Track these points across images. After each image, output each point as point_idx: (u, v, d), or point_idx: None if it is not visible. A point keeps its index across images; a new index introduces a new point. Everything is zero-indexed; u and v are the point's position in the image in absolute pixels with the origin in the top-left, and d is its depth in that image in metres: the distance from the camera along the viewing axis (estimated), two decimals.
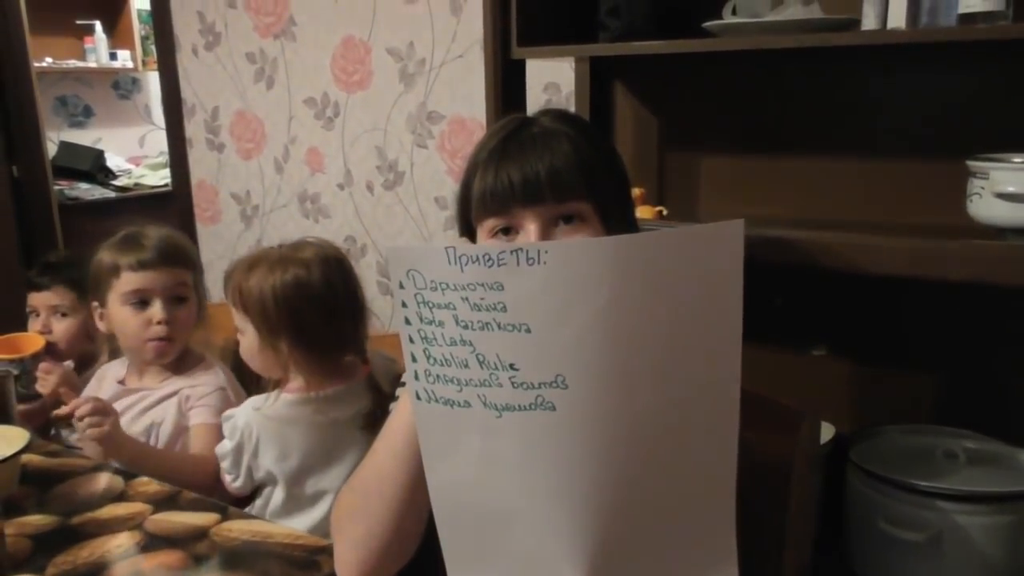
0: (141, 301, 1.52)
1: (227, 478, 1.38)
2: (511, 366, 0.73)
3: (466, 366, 0.74)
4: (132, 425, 1.51)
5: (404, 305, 0.76)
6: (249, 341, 1.39)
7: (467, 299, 0.73)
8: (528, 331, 0.72)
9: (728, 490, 0.78)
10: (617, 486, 0.75)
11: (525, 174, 0.89)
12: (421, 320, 0.75)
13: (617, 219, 0.95)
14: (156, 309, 1.52)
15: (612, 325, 0.71)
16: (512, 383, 0.73)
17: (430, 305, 0.74)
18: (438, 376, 0.76)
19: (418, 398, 0.78)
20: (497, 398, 0.74)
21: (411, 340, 0.77)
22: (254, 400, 1.39)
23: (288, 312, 1.35)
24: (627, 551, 0.78)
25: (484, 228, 0.94)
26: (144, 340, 1.53)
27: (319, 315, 1.35)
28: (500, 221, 0.92)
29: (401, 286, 0.75)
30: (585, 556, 0.76)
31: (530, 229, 0.90)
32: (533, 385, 0.73)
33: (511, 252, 0.70)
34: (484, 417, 0.75)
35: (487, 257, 0.71)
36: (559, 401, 0.72)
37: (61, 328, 1.76)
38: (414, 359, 0.77)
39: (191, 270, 1.57)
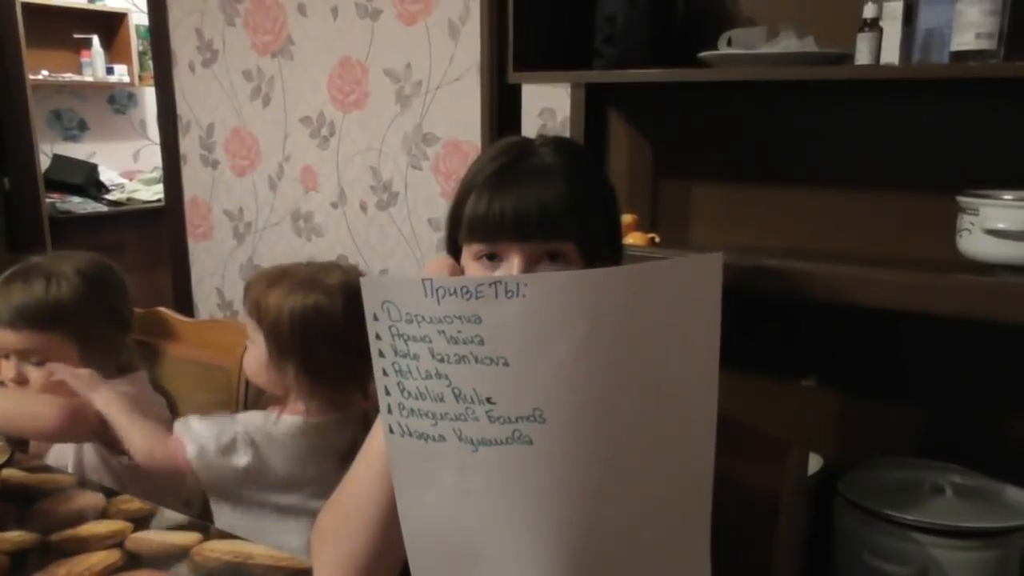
0: (5, 355, 1.45)
1: (190, 449, 1.29)
2: (488, 400, 0.72)
3: (441, 400, 0.73)
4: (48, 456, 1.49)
5: (378, 337, 0.75)
6: (257, 354, 1.37)
7: (443, 332, 0.72)
8: (506, 364, 0.71)
9: (703, 522, 0.78)
10: (593, 521, 0.74)
11: (517, 209, 0.88)
12: (395, 353, 0.74)
13: (603, 261, 0.94)
14: (9, 365, 1.44)
15: (591, 358, 0.70)
16: (489, 417, 0.72)
17: (405, 338, 0.73)
18: (412, 410, 0.75)
19: (391, 432, 0.77)
20: (473, 432, 0.73)
21: (385, 373, 0.76)
22: (253, 416, 1.37)
23: (301, 338, 1.31)
24: None
25: (470, 251, 0.93)
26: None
27: (332, 347, 1.31)
28: (486, 248, 0.92)
29: (375, 318, 0.74)
30: None
31: (514, 262, 0.89)
32: (510, 419, 0.72)
33: (489, 284, 0.69)
34: (459, 451, 0.74)
35: (465, 290, 0.70)
36: (536, 435, 0.72)
37: None
38: (388, 392, 0.76)
39: (55, 332, 1.43)
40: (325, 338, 1.30)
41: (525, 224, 0.89)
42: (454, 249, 0.98)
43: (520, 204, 0.89)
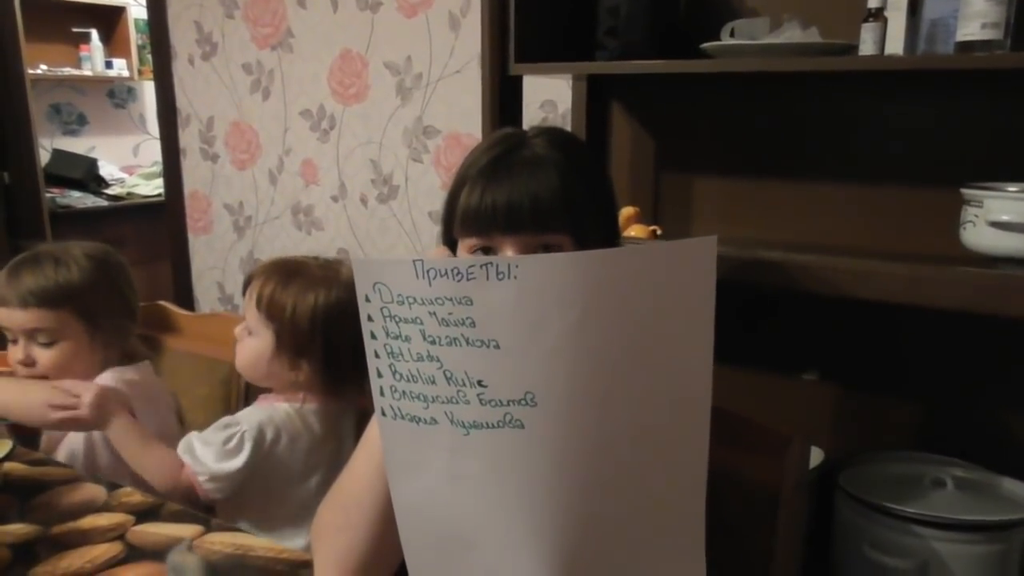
0: (13, 338, 1.46)
1: (199, 478, 1.32)
2: (479, 383, 0.72)
3: (433, 382, 0.73)
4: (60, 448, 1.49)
5: (370, 319, 0.75)
6: (259, 347, 1.36)
7: (435, 314, 0.71)
8: (497, 347, 0.70)
9: (698, 507, 0.77)
10: (585, 505, 0.74)
11: (509, 201, 0.88)
12: (387, 335, 0.74)
13: None
14: (16, 348, 1.46)
15: (583, 341, 0.70)
16: (480, 400, 0.72)
17: (396, 319, 0.73)
18: (404, 392, 0.75)
19: (383, 415, 0.77)
20: (465, 415, 0.73)
21: (376, 355, 0.76)
22: (254, 411, 1.37)
23: (323, 334, 1.32)
24: (594, 571, 0.77)
25: (465, 244, 0.93)
26: (20, 375, 1.47)
27: (354, 342, 1.33)
28: (480, 241, 0.91)
29: (367, 299, 0.74)
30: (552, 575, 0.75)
31: (507, 254, 0.89)
32: (502, 402, 0.71)
33: (480, 266, 0.69)
34: (451, 435, 0.74)
35: (456, 271, 0.69)
36: (528, 419, 0.71)
37: None
38: (380, 375, 0.76)
39: (64, 310, 1.44)
40: (348, 333, 1.29)
41: (517, 216, 0.88)
42: (450, 242, 0.97)
43: (512, 196, 0.88)
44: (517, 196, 0.88)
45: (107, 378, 1.46)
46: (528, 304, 0.69)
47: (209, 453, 1.31)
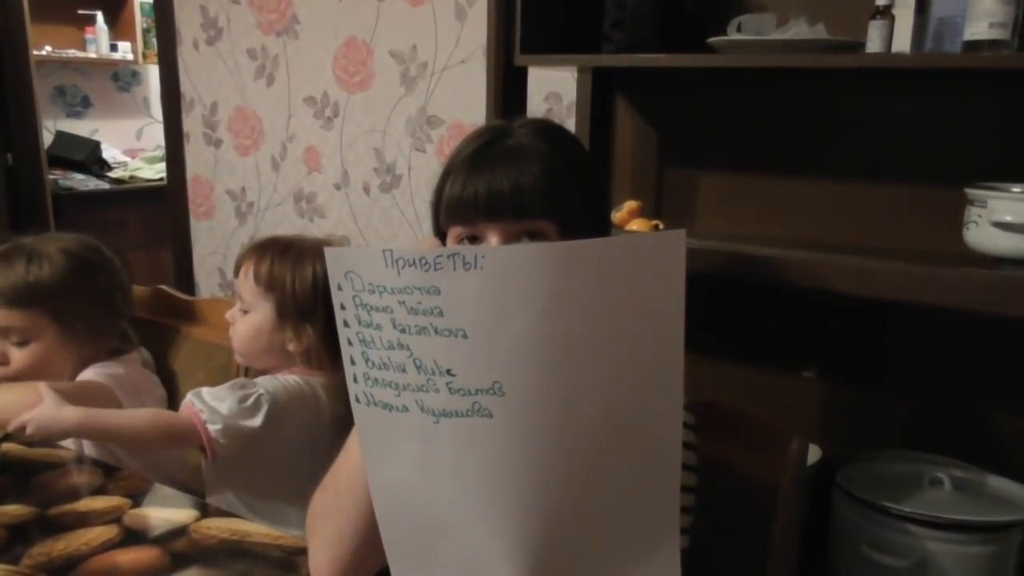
0: None
1: (209, 426, 1.28)
2: (448, 371, 0.72)
3: (404, 370, 0.74)
4: None
5: (343, 307, 0.75)
6: (258, 320, 1.37)
7: (404, 303, 0.72)
8: (465, 336, 0.71)
9: (671, 497, 0.77)
10: (555, 496, 0.74)
11: (490, 190, 0.89)
12: (359, 323, 0.75)
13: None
14: None
15: (550, 332, 0.70)
16: (449, 389, 0.72)
17: (368, 308, 0.74)
18: (376, 380, 0.76)
19: (357, 401, 0.78)
20: (434, 404, 0.73)
21: (349, 343, 0.76)
22: (267, 378, 1.38)
23: (326, 298, 1.32)
24: (566, 560, 0.77)
25: (451, 234, 0.94)
26: None
27: None
28: (465, 230, 0.92)
29: (339, 288, 0.75)
30: (522, 565, 0.75)
31: (491, 242, 0.90)
32: (470, 391, 0.72)
33: (447, 256, 0.69)
34: (421, 423, 0.74)
35: (423, 261, 0.70)
36: (496, 408, 0.71)
37: None
38: (353, 362, 0.77)
39: (35, 311, 1.41)
40: None
41: (498, 204, 0.89)
42: (440, 233, 0.98)
43: (493, 185, 0.89)
44: (498, 184, 0.89)
45: (89, 374, 1.45)
46: (494, 294, 0.69)
47: (223, 406, 1.29)
